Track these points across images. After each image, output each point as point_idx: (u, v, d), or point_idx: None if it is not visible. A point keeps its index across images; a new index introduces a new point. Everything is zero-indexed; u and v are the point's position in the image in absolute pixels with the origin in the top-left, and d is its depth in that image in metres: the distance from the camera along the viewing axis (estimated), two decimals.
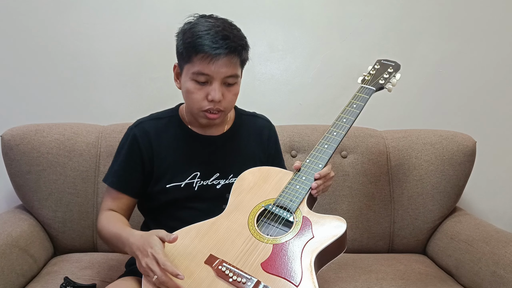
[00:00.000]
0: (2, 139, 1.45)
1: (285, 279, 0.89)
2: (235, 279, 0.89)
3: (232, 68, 1.05)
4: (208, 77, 1.04)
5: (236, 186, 1.11)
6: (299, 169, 1.10)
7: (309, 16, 1.75)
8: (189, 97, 1.08)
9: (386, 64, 1.28)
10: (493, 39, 1.79)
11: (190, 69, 1.05)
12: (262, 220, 1.03)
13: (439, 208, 1.57)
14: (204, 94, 1.06)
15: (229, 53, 1.02)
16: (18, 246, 1.29)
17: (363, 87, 1.23)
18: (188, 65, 1.05)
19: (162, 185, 1.13)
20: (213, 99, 1.04)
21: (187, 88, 1.07)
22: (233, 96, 1.10)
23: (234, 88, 1.09)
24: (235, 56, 1.04)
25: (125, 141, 1.16)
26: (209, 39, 1.01)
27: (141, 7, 1.68)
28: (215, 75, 1.04)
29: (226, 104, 1.08)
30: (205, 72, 1.03)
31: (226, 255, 0.94)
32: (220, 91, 1.05)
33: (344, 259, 1.48)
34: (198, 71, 1.03)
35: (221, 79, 1.05)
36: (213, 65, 1.02)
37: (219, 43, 1.01)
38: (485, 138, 1.77)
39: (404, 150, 1.59)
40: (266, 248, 0.95)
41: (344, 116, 1.17)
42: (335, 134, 1.14)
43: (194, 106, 1.08)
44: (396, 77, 1.25)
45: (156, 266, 0.89)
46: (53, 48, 1.66)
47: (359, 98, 1.20)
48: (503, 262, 1.25)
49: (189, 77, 1.06)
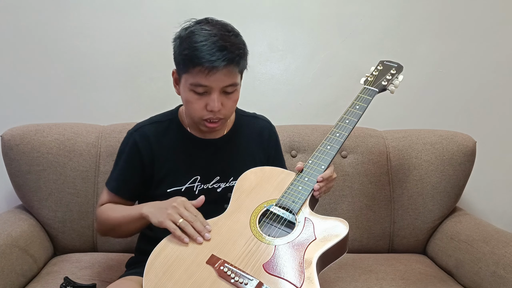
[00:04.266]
0: (2, 139, 1.45)
1: (287, 280, 0.89)
2: (237, 280, 0.89)
3: (231, 78, 1.04)
4: (207, 88, 1.03)
5: (238, 186, 1.10)
6: (301, 170, 1.10)
7: (309, 16, 1.75)
8: (189, 106, 1.08)
9: (389, 65, 1.28)
10: (493, 39, 1.79)
11: (188, 79, 1.04)
12: (264, 220, 1.03)
13: (439, 208, 1.57)
14: (203, 104, 1.05)
15: (227, 65, 1.00)
16: (18, 246, 1.29)
17: (365, 88, 1.22)
18: (186, 75, 1.04)
19: (163, 189, 1.13)
20: (212, 109, 1.04)
21: (186, 98, 1.07)
22: (233, 103, 1.10)
23: (233, 96, 1.08)
24: (234, 66, 1.03)
25: (125, 146, 1.16)
26: (206, 51, 0.99)
27: (141, 7, 1.68)
28: (214, 85, 1.02)
29: (226, 111, 1.08)
30: (203, 84, 1.02)
31: (228, 256, 0.94)
32: (219, 100, 1.04)
33: (344, 259, 1.47)
34: (196, 82, 1.02)
35: (220, 89, 1.04)
36: (211, 77, 1.00)
37: (216, 55, 0.98)
38: (485, 138, 1.77)
39: (404, 150, 1.59)
40: (268, 249, 0.95)
41: (346, 117, 1.17)
42: (337, 135, 1.14)
43: (194, 115, 1.08)
44: (399, 79, 1.25)
45: (184, 209, 0.98)
46: (53, 48, 1.66)
47: (362, 99, 1.19)
48: (503, 262, 1.25)
49: (188, 88, 1.05)
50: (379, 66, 1.29)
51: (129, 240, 1.49)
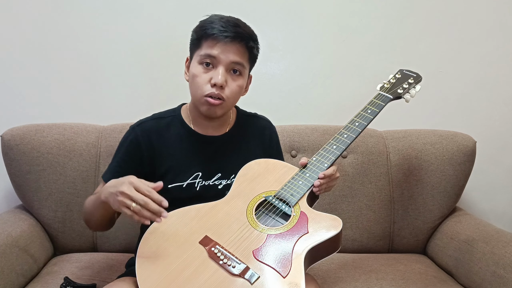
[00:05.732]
0: (2, 139, 1.45)
1: (274, 269, 0.91)
2: (225, 262, 0.92)
3: (239, 56, 1.08)
4: (214, 60, 1.07)
5: (240, 174, 1.13)
6: (305, 165, 1.11)
7: (309, 16, 1.75)
8: (194, 81, 1.09)
9: (407, 74, 1.29)
10: (493, 39, 1.79)
11: (198, 53, 1.08)
12: (261, 210, 1.06)
13: (439, 208, 1.58)
14: (208, 78, 1.08)
15: (237, 37, 1.06)
16: (18, 246, 1.29)
17: (380, 94, 1.24)
18: (198, 50, 1.09)
19: (164, 185, 1.13)
20: (216, 82, 1.06)
21: (193, 73, 1.09)
22: (237, 87, 1.11)
23: (239, 79, 1.11)
24: (243, 44, 1.08)
25: (126, 140, 1.16)
26: (219, 24, 1.06)
27: (141, 8, 1.68)
28: (221, 57, 1.06)
29: (228, 93, 1.09)
30: (212, 54, 1.06)
31: (220, 238, 0.97)
32: (224, 76, 1.07)
33: (344, 259, 1.48)
34: (205, 53, 1.07)
35: (226, 65, 1.07)
36: (220, 48, 1.05)
37: (228, 28, 1.05)
38: (485, 138, 1.77)
39: (404, 150, 1.59)
40: (260, 236, 0.98)
41: (357, 120, 1.18)
42: (345, 136, 1.15)
43: (197, 90, 1.09)
44: (416, 89, 1.26)
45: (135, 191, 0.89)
46: (53, 48, 1.66)
47: (375, 104, 1.21)
48: (503, 262, 1.25)
49: (197, 61, 1.09)
50: (397, 74, 1.30)
51: (129, 240, 1.50)
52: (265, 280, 0.89)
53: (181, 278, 0.90)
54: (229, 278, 0.90)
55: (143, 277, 0.91)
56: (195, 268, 0.92)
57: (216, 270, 0.91)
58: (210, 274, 0.91)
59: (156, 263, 0.93)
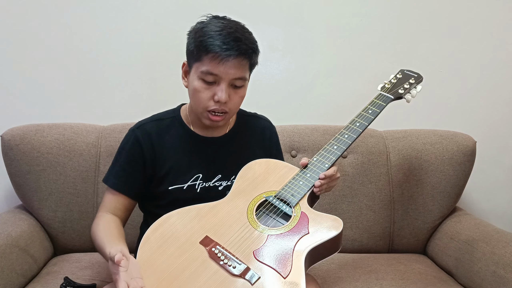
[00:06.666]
0: (2, 139, 1.45)
1: (274, 269, 0.91)
2: (226, 262, 0.92)
3: (241, 70, 1.05)
4: (216, 77, 1.04)
5: (241, 174, 1.13)
6: (305, 166, 1.11)
7: (309, 16, 1.75)
8: (196, 95, 1.08)
9: (409, 74, 1.29)
10: (493, 39, 1.79)
11: (199, 67, 1.05)
12: (261, 210, 1.06)
13: (439, 208, 1.58)
14: (210, 94, 1.06)
15: (239, 55, 1.03)
16: (18, 246, 1.29)
17: (381, 94, 1.24)
18: (198, 63, 1.05)
19: (165, 187, 1.13)
20: (219, 99, 1.05)
21: (194, 86, 1.07)
22: (239, 99, 1.10)
23: (241, 91, 1.09)
24: (245, 58, 1.05)
25: (127, 143, 1.16)
26: (220, 39, 1.01)
27: (141, 7, 1.68)
28: (223, 75, 1.04)
29: (231, 106, 1.09)
30: (214, 72, 1.03)
31: (221, 239, 0.97)
32: (227, 92, 1.05)
33: (344, 259, 1.48)
34: (206, 70, 1.04)
35: (229, 80, 1.05)
36: (222, 66, 1.02)
37: (230, 44, 1.01)
38: (485, 138, 1.77)
39: (404, 150, 1.59)
40: (261, 237, 0.98)
41: (358, 120, 1.18)
42: (346, 136, 1.15)
43: (199, 105, 1.08)
44: (417, 89, 1.26)
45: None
46: (53, 48, 1.66)
47: (376, 104, 1.21)
48: (503, 262, 1.25)
49: (197, 76, 1.06)
50: (398, 74, 1.30)
51: (129, 240, 1.49)
52: (266, 280, 0.89)
53: (181, 278, 0.90)
54: (230, 278, 0.90)
55: (143, 277, 0.91)
56: (195, 268, 0.92)
57: (217, 271, 0.91)
58: (210, 275, 0.91)
59: (156, 264, 0.93)
